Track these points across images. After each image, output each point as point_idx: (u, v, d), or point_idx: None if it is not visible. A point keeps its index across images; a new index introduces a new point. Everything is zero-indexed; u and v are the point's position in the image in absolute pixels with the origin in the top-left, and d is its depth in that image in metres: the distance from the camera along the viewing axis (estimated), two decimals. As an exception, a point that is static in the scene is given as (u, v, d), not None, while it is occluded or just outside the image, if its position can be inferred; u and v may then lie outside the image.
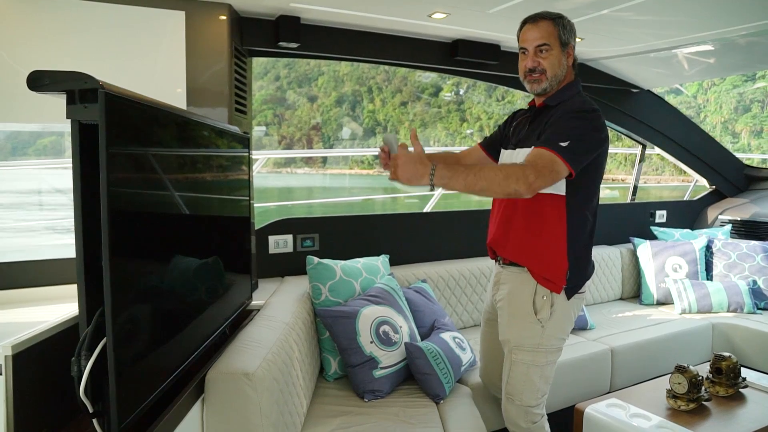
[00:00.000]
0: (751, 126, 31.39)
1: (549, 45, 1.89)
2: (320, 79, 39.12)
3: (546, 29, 1.89)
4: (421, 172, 1.61)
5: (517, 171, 1.68)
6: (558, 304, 1.97)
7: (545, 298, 1.96)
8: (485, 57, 3.26)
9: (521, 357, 2.00)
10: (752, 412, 2.35)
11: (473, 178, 1.64)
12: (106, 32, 2.20)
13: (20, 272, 2.03)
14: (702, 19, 2.77)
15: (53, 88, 1.12)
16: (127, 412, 1.17)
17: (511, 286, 2.05)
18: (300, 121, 38.31)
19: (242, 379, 1.58)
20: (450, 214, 3.67)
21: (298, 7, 2.59)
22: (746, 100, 32.17)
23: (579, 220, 1.96)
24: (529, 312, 1.97)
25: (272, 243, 2.99)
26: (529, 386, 2.01)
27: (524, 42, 1.94)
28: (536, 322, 1.96)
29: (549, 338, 1.98)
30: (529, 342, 1.98)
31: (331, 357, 2.45)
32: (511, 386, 2.04)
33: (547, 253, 1.95)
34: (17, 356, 1.29)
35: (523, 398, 2.02)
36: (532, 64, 1.92)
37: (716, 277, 3.95)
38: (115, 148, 1.13)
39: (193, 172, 1.71)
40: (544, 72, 1.91)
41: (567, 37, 1.92)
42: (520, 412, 2.03)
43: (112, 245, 1.11)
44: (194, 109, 2.36)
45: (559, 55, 1.91)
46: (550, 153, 1.73)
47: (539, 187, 1.71)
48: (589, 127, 1.83)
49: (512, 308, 2.03)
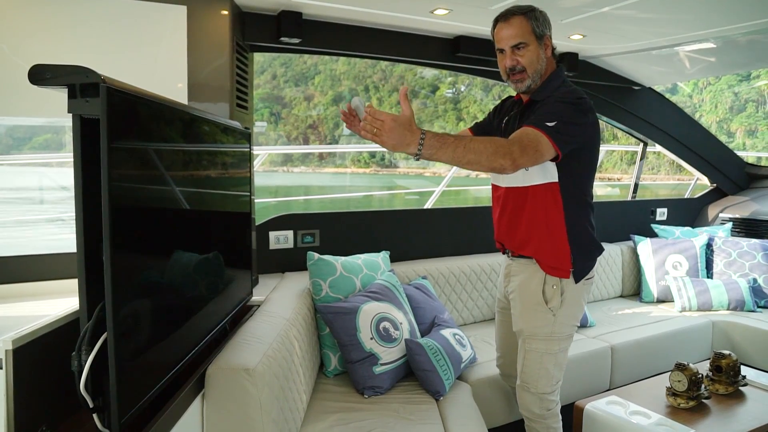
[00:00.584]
0: (746, 125, 31.67)
1: (525, 42, 1.88)
2: (317, 77, 39.05)
3: (519, 26, 1.87)
4: (408, 139, 1.51)
5: (504, 146, 1.65)
6: (568, 292, 2.00)
7: (555, 287, 1.99)
8: (487, 53, 3.25)
9: (535, 346, 2.04)
10: (752, 410, 2.36)
11: (462, 151, 1.59)
12: (108, 26, 2.19)
13: (20, 266, 2.02)
14: (703, 17, 2.77)
15: (55, 82, 1.11)
16: (127, 408, 1.17)
17: (522, 278, 2.08)
18: (297, 119, 38.26)
19: (242, 374, 1.58)
20: (450, 210, 3.67)
21: (300, 2, 2.58)
22: (741, 99, 32.53)
23: (576, 206, 1.98)
24: (540, 302, 2.01)
25: (273, 239, 2.99)
26: (544, 374, 2.05)
27: (500, 42, 1.93)
28: (548, 311, 2.00)
29: (561, 326, 2.02)
30: (541, 331, 2.02)
31: (331, 353, 2.45)
32: (526, 374, 2.08)
33: (549, 240, 1.99)
34: (18, 351, 1.28)
35: (539, 386, 2.06)
36: (510, 63, 1.91)
37: (716, 275, 3.95)
38: (116, 143, 1.13)
39: (194, 167, 1.70)
40: (524, 70, 1.90)
41: (542, 29, 1.90)
42: (536, 400, 2.08)
43: (113, 240, 1.11)
44: (195, 104, 2.35)
45: (536, 50, 1.90)
46: (535, 131, 1.73)
47: (523, 164, 1.69)
48: (575, 110, 1.82)
49: (524, 299, 2.07)
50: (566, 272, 1.98)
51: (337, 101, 38.51)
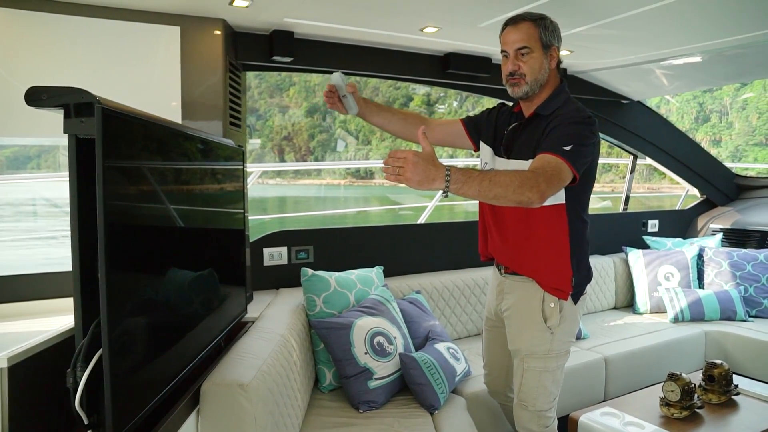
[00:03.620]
0: (711, 135, 32.87)
1: (529, 48, 1.84)
2: (291, 89, 38.92)
3: (526, 31, 1.84)
4: (434, 174, 1.46)
5: (531, 178, 1.59)
6: (566, 310, 1.98)
7: (553, 305, 1.96)
8: (477, 70, 3.30)
9: (534, 364, 2.01)
10: (744, 419, 2.37)
11: (488, 185, 1.53)
12: (103, 47, 2.22)
13: (16, 286, 2.03)
14: (690, 32, 2.82)
15: (50, 103, 1.13)
16: (122, 424, 1.18)
17: (518, 296, 2.04)
18: (271, 131, 38.06)
19: (237, 390, 1.59)
20: (444, 225, 3.69)
21: (292, 22, 2.63)
22: (706, 110, 33.94)
23: (578, 226, 1.96)
24: (538, 320, 1.98)
25: (267, 255, 3.00)
26: (542, 392, 2.03)
27: (505, 44, 1.90)
28: (546, 330, 1.97)
29: (559, 343, 2.00)
30: (540, 349, 1.99)
31: (326, 368, 2.46)
32: (524, 393, 2.04)
33: (552, 262, 1.95)
34: (13, 368, 1.29)
35: (537, 404, 2.03)
36: (512, 67, 1.87)
37: (708, 285, 3.98)
38: (111, 162, 1.15)
39: (188, 185, 1.72)
40: (523, 76, 1.86)
41: (549, 38, 1.86)
42: (534, 417, 2.05)
43: (108, 257, 1.12)
44: (189, 122, 2.38)
45: (540, 58, 1.86)
46: (556, 158, 1.68)
47: (549, 195, 1.64)
48: (586, 130, 1.79)
49: (521, 318, 2.03)
50: (566, 294, 1.96)
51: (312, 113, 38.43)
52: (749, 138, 31.78)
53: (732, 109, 32.95)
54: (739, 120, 32.66)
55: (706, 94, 32.62)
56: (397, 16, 2.60)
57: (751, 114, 31.85)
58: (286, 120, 38.59)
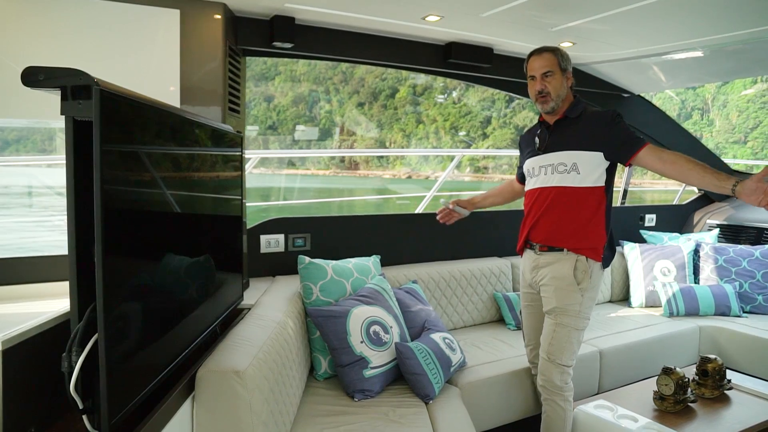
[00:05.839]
0: (693, 132, 33.72)
1: (552, 71, 2.32)
2: (277, 78, 38.61)
3: (549, 59, 2.32)
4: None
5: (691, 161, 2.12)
6: (594, 274, 2.33)
7: (584, 271, 2.31)
8: (478, 60, 3.28)
9: (566, 320, 2.31)
10: (737, 413, 2.39)
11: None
12: (101, 30, 2.19)
13: (12, 269, 2.02)
14: (691, 26, 2.81)
15: (48, 84, 1.12)
16: (117, 409, 1.18)
17: (554, 266, 2.37)
18: (256, 120, 37.82)
19: (233, 377, 1.58)
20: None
21: (293, 7, 2.60)
22: (687, 107, 35.16)
23: (608, 204, 2.37)
24: (572, 282, 2.31)
25: (264, 242, 2.99)
26: (569, 347, 2.32)
27: (532, 70, 2.36)
28: (578, 291, 2.31)
29: (586, 305, 2.33)
30: (572, 308, 2.31)
31: (322, 356, 2.46)
32: (554, 347, 2.33)
33: (591, 231, 2.33)
34: (7, 351, 1.29)
35: (563, 358, 2.32)
36: (540, 87, 2.34)
37: (704, 280, 3.99)
38: (108, 145, 1.14)
39: (186, 170, 1.71)
40: (549, 93, 2.33)
41: (565, 64, 2.36)
42: (558, 371, 2.32)
43: (105, 242, 1.11)
44: (188, 107, 2.36)
45: (560, 79, 2.34)
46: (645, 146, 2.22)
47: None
48: (623, 121, 2.30)
49: (557, 282, 2.35)
50: (600, 255, 2.33)
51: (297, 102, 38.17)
52: (729, 135, 33.02)
53: (713, 107, 34.08)
54: (720, 118, 33.88)
55: (689, 90, 33.58)
56: (399, 4, 2.57)
57: (732, 112, 33.00)
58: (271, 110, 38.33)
